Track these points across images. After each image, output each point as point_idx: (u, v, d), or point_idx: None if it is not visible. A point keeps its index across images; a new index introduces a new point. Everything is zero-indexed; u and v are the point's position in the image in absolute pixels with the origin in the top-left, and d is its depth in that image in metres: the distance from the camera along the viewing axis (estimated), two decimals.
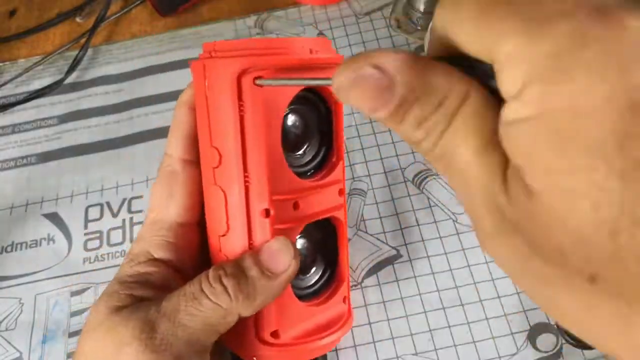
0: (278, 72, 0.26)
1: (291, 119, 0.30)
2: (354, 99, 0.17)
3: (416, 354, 0.39)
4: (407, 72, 0.16)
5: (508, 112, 0.15)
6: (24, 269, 0.46)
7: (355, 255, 0.43)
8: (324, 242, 0.33)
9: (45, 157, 0.52)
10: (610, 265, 0.13)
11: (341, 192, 0.32)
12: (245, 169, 0.27)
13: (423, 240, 0.43)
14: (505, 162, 0.16)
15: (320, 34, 0.56)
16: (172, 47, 0.57)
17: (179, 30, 0.59)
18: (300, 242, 0.32)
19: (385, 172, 0.47)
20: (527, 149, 0.15)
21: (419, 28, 0.54)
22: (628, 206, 0.13)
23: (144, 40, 0.58)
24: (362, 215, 0.45)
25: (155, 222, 0.30)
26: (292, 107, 0.29)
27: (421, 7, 0.53)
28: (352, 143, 0.48)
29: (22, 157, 0.52)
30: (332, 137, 0.32)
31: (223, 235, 0.28)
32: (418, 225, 0.44)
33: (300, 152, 0.31)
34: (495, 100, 0.16)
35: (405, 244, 0.43)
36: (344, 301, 0.33)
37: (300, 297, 0.31)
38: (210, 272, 0.27)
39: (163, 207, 0.30)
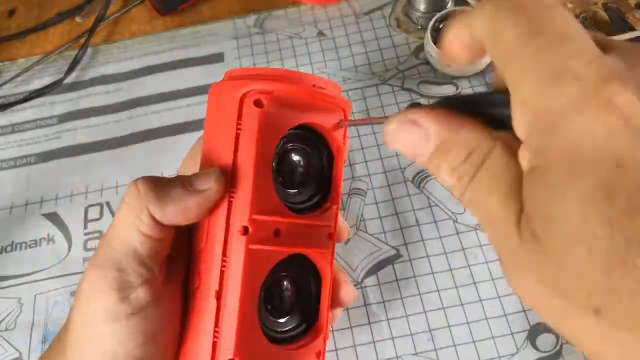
0: (284, 105, 0.28)
1: (293, 157, 0.30)
2: (398, 146, 0.22)
3: (416, 354, 0.39)
4: (441, 128, 0.20)
5: (521, 158, 0.18)
6: (24, 269, 0.46)
7: (356, 255, 0.43)
8: (307, 294, 0.31)
9: (45, 157, 0.52)
10: (609, 299, 0.15)
11: (331, 236, 0.31)
12: (233, 185, 0.27)
13: (423, 241, 0.43)
14: (521, 209, 0.18)
15: (320, 33, 0.56)
16: (172, 47, 0.57)
17: (179, 29, 0.59)
18: (283, 285, 0.31)
19: (385, 172, 0.47)
20: (531, 197, 0.17)
21: (419, 27, 0.54)
22: (617, 249, 0.15)
23: (143, 39, 0.58)
24: (362, 215, 0.45)
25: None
26: (295, 145, 0.30)
27: (421, 7, 0.53)
28: (352, 143, 0.48)
29: (22, 157, 0.52)
30: (331, 182, 0.32)
31: (201, 251, 0.28)
32: (418, 225, 0.44)
33: (296, 190, 0.31)
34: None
35: (406, 244, 0.43)
36: (317, 356, 0.31)
37: (270, 339, 0.29)
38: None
39: (190, 171, 0.30)
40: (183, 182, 0.27)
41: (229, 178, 0.27)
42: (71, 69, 0.56)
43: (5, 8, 0.63)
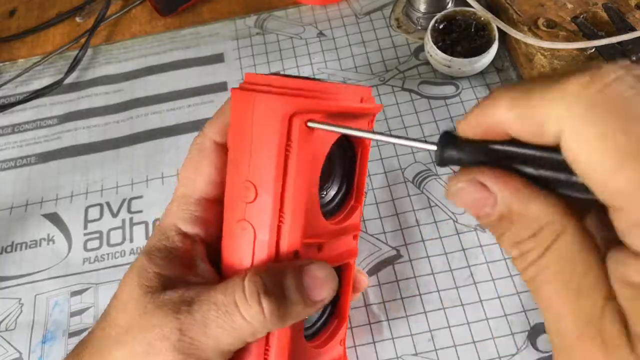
0: (329, 117, 0.26)
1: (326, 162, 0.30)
2: (461, 204, 0.20)
3: (416, 354, 0.39)
4: (510, 196, 0.18)
5: (634, 274, 0.15)
6: (24, 269, 0.46)
7: None
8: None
9: (45, 157, 0.52)
10: None
11: (355, 237, 0.32)
12: (281, 209, 0.26)
13: (423, 241, 0.43)
14: (599, 312, 0.16)
15: (320, 33, 0.56)
16: (172, 47, 0.57)
17: (179, 30, 0.59)
18: None
19: (385, 172, 0.47)
20: None
21: (419, 28, 0.54)
22: None
23: (143, 40, 0.58)
24: (362, 215, 0.45)
25: (183, 196, 0.30)
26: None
27: (421, 7, 0.53)
28: None
29: (22, 157, 0.52)
30: (354, 181, 0.31)
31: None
32: (418, 225, 0.44)
33: (322, 191, 0.30)
34: (592, 241, 0.17)
35: (406, 244, 0.43)
36: (340, 343, 0.33)
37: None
38: (247, 284, 0.26)
39: (191, 181, 0.30)
40: (303, 296, 0.26)
41: (278, 201, 0.26)
42: (71, 69, 0.56)
43: (6, 8, 0.63)
